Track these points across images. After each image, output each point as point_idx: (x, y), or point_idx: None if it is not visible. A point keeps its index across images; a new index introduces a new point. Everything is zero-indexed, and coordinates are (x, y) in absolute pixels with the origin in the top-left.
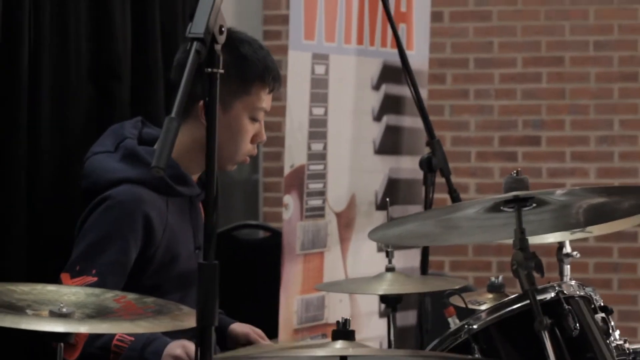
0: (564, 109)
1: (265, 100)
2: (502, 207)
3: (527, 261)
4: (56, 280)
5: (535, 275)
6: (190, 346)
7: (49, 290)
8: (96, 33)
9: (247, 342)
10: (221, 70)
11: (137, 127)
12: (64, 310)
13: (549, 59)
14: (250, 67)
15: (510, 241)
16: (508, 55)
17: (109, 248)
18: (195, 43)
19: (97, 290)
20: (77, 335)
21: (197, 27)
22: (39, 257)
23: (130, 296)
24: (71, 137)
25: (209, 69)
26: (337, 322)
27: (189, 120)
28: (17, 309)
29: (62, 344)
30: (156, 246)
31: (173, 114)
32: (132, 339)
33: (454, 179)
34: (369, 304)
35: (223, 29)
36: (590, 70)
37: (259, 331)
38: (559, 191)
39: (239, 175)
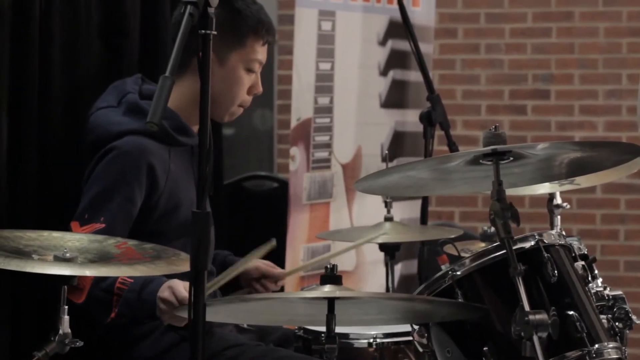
0: (573, 63)
1: (260, 52)
2: (481, 161)
3: (503, 211)
4: (65, 229)
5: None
6: (177, 286)
7: (54, 236)
8: None
9: (260, 274)
10: (214, 32)
11: (137, 83)
12: (68, 255)
13: (558, 14)
14: (244, 20)
15: (519, 193)
16: (518, 10)
17: (116, 196)
18: (189, 7)
19: (99, 237)
20: (82, 279)
21: None
22: (49, 207)
23: (131, 242)
24: (81, 93)
25: (203, 31)
26: (326, 267)
27: (187, 73)
28: (23, 254)
29: (65, 287)
30: (159, 194)
31: (167, 73)
32: (132, 280)
33: (465, 132)
34: (374, 253)
35: None
36: (599, 25)
37: (268, 262)
38: (541, 145)
39: (257, 126)
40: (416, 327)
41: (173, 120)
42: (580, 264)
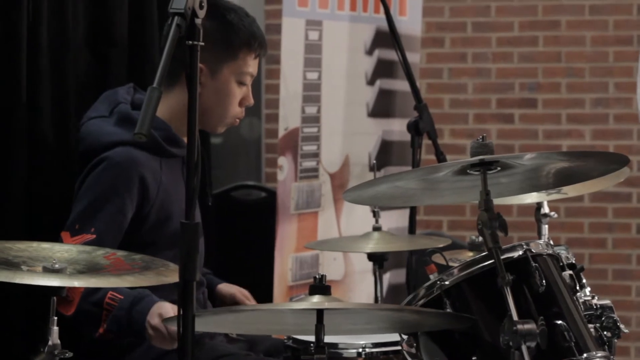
0: (560, 71)
1: (252, 65)
2: (468, 171)
3: (491, 221)
4: (54, 239)
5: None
6: (167, 314)
7: (43, 247)
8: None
9: (234, 302)
10: (202, 43)
11: (129, 93)
12: (57, 266)
13: (545, 22)
14: (236, 33)
15: (507, 202)
16: (505, 19)
17: (107, 207)
18: (176, 17)
19: (88, 248)
20: (72, 291)
21: (178, 2)
22: (38, 217)
23: (120, 253)
24: (70, 103)
25: (190, 42)
26: (314, 277)
27: (178, 85)
28: (12, 265)
29: (54, 298)
30: (151, 205)
31: (155, 84)
32: (122, 297)
33: (452, 141)
34: (363, 262)
35: (203, 4)
36: (585, 33)
37: (245, 292)
38: (528, 155)
39: (244, 136)
40: (405, 336)
41: (164, 131)
42: (568, 273)
